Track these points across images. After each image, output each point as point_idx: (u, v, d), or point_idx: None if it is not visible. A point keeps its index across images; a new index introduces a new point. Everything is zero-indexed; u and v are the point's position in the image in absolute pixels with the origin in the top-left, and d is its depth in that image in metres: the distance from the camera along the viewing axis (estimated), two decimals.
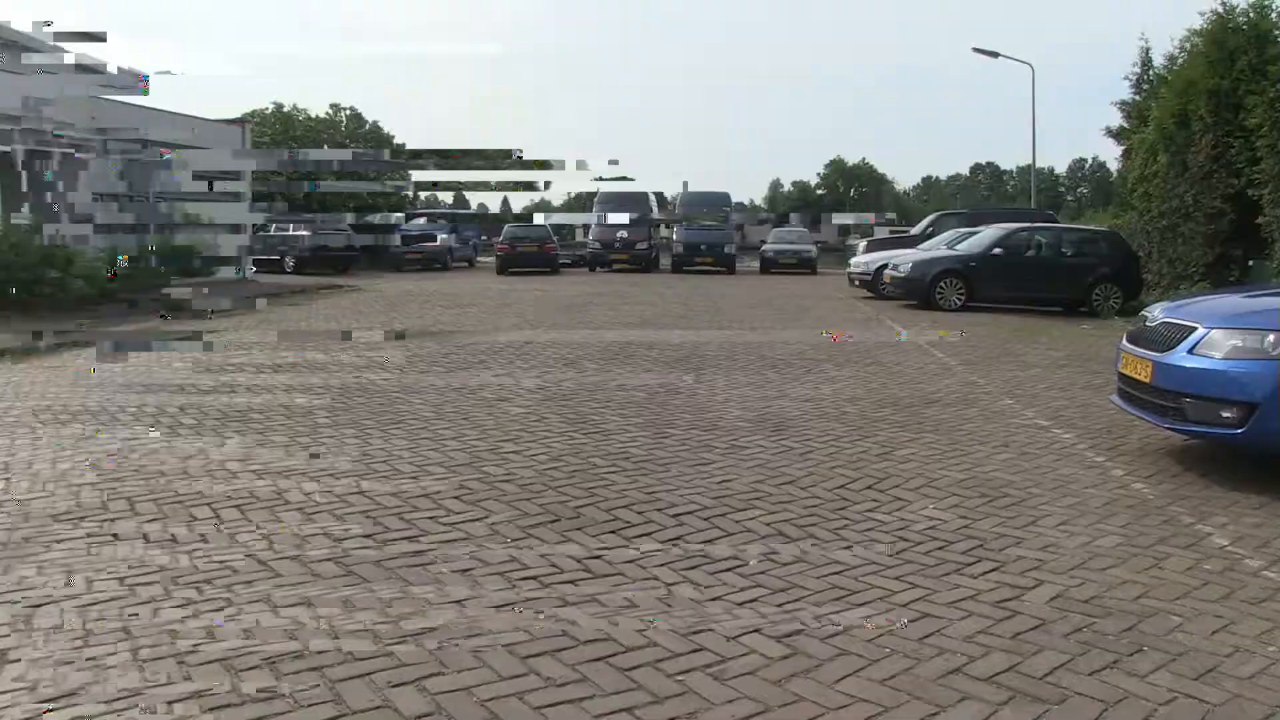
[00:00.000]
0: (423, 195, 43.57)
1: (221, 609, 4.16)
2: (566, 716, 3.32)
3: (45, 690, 3.45)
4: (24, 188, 20.09)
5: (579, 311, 18.34)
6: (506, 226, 37.47)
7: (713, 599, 4.30)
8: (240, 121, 28.97)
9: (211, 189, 25.75)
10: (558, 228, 39.80)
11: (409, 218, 38.80)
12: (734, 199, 38.70)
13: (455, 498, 5.83)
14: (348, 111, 41.49)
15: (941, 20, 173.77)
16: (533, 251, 33.47)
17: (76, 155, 21.54)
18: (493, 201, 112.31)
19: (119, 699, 3.39)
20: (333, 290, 24.45)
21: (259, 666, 3.63)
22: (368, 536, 5.12)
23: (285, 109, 40.30)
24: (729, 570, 4.66)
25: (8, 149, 20.14)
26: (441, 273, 34.00)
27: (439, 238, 36.17)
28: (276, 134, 38.60)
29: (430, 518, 5.45)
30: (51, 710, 3.32)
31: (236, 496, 5.84)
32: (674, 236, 35.29)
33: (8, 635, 3.90)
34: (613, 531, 5.22)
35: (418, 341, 13.52)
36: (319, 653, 3.74)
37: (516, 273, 32.50)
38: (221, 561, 4.73)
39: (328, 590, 4.37)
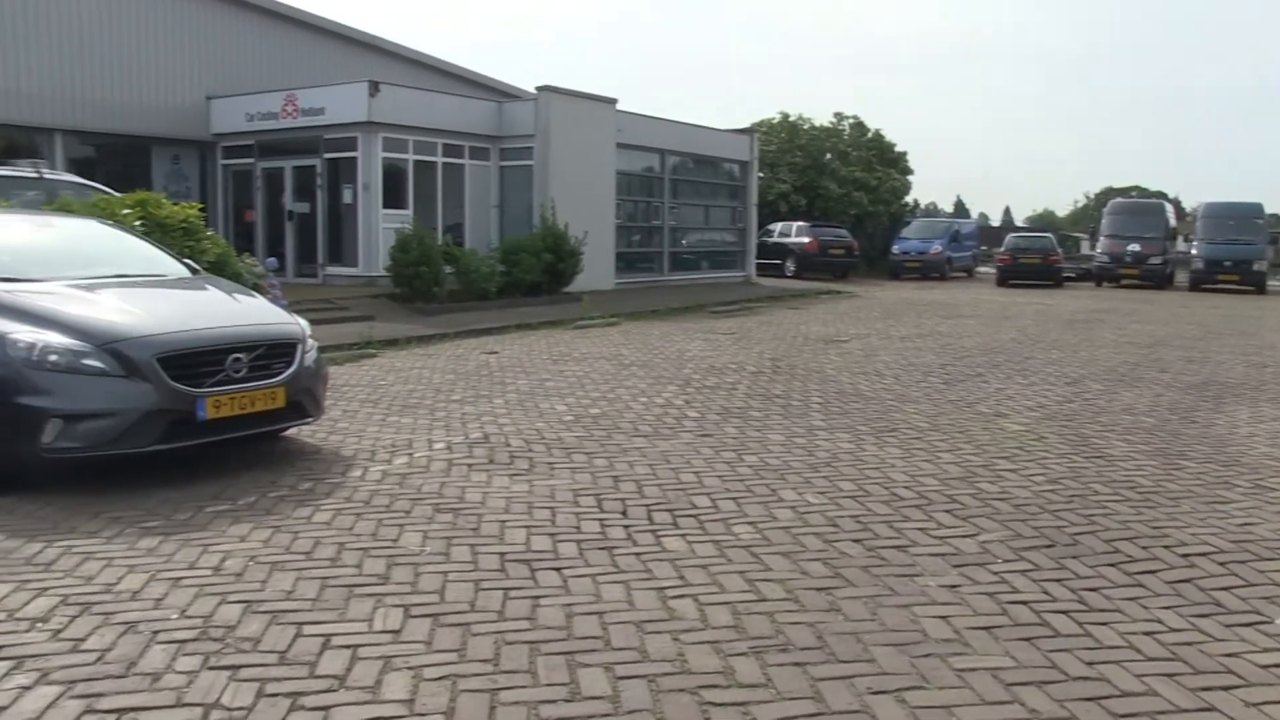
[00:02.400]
0: (922, 204, 43.28)
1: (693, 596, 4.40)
2: None
3: None
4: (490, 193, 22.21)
5: (1082, 328, 17.38)
6: (1008, 236, 36.23)
7: (1227, 654, 3.92)
8: (748, 131, 30.17)
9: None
10: (1062, 239, 37.86)
11: (905, 225, 38.60)
12: (1268, 210, 34.70)
13: (947, 511, 5.76)
14: (851, 120, 41.93)
15: None
16: (1035, 263, 32.13)
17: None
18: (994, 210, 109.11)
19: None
20: (830, 295, 24.90)
21: (746, 655, 3.80)
22: (856, 541, 5.19)
23: (791, 118, 41.46)
24: (1247, 625, 4.22)
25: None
26: (939, 282, 33.54)
27: (937, 246, 35.69)
28: (783, 143, 39.83)
29: (920, 529, 5.42)
30: None
31: (732, 490, 6.16)
32: (1193, 251, 32.20)
33: None
34: (1112, 565, 4.91)
35: (914, 351, 13.46)
36: (804, 649, 3.86)
37: (1016, 285, 31.35)
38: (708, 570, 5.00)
39: (812, 585, 4.49)
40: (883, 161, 40.45)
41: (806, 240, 32.73)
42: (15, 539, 5.19)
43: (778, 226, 33.86)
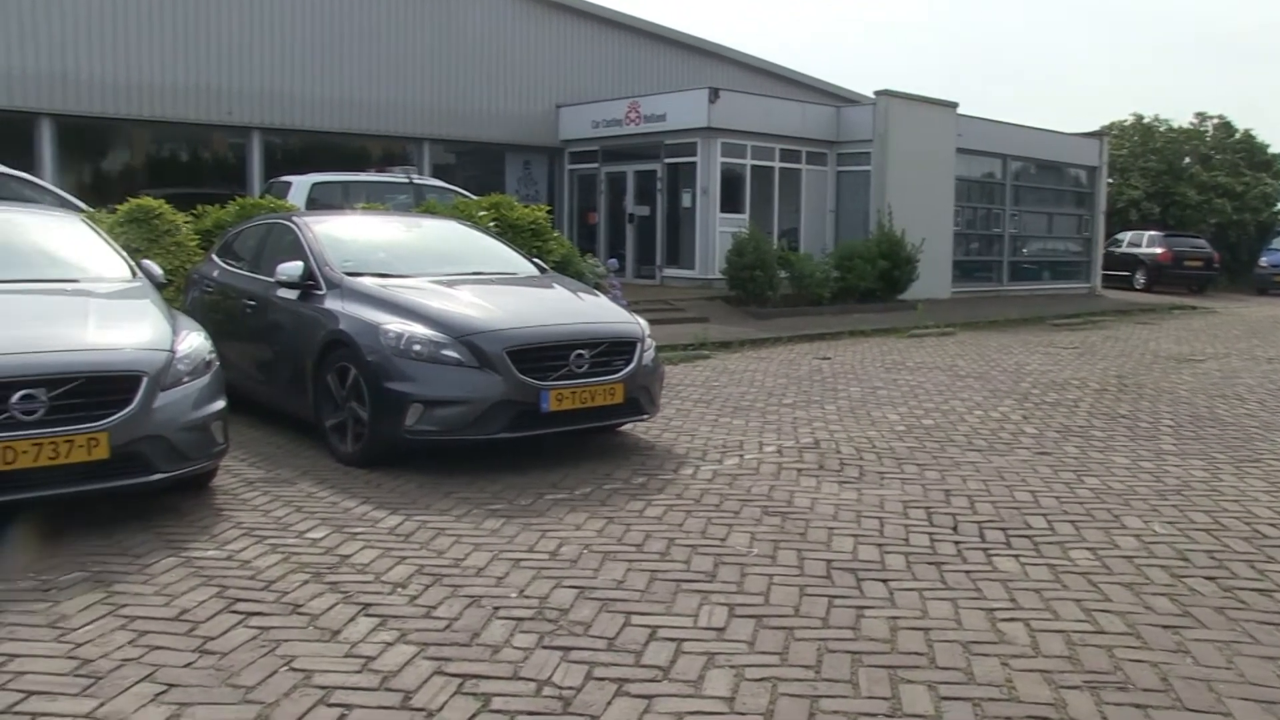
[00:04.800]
0: None
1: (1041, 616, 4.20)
2: None
3: None
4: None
5: None
6: None
7: None
8: (1098, 134, 28.51)
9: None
10: None
11: (1277, 236, 35.15)
12: None
13: None
14: (1215, 120, 38.64)
15: None
16: None
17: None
18: None
19: None
20: (1184, 311, 23.16)
21: (1080, 688, 3.60)
22: (1209, 579, 4.80)
23: (1145, 120, 38.78)
24: None
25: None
26: None
27: None
28: (1135, 147, 37.36)
29: None
30: None
31: (1071, 513, 5.85)
32: None
33: None
34: None
35: None
36: (1146, 689, 3.62)
37: None
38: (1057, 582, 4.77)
39: (1157, 622, 4.20)
40: (1251, 165, 36.98)
41: (1159, 251, 30.52)
42: (380, 510, 5.69)
43: (1127, 236, 31.76)
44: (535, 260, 8.77)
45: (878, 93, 22.16)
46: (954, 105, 23.14)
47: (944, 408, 9.23)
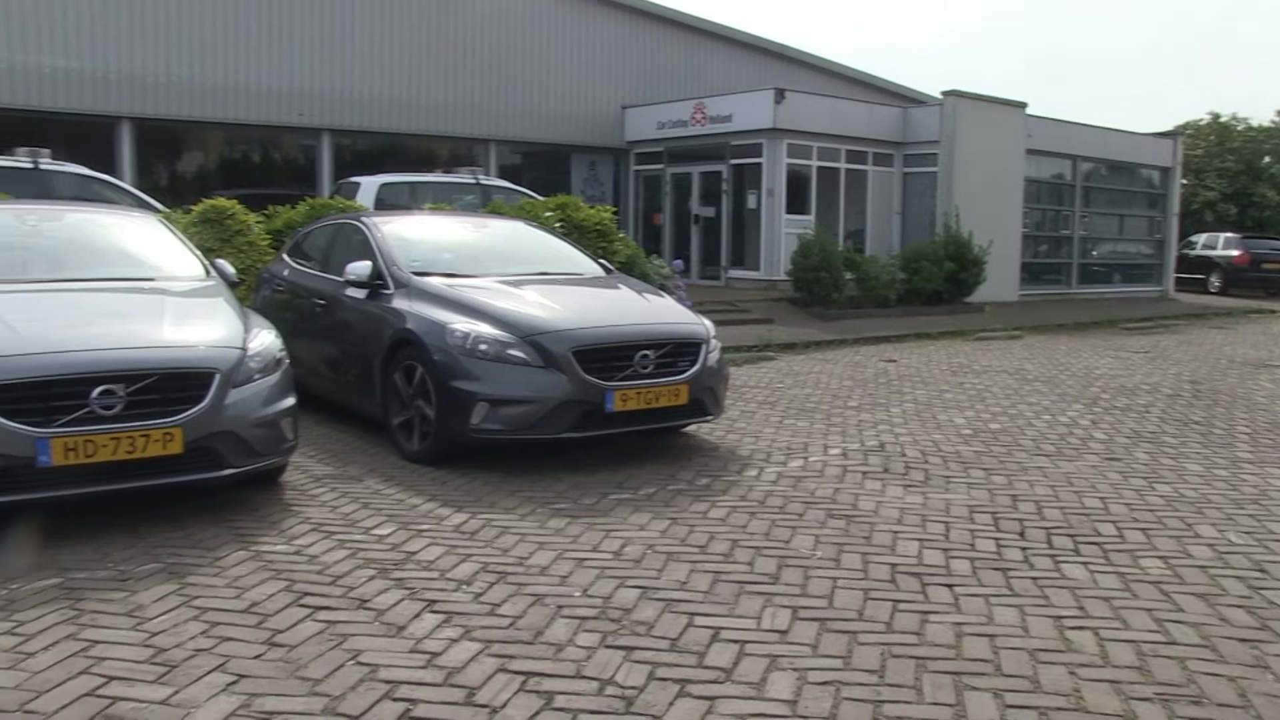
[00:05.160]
0: None
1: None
2: None
3: None
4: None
5: None
6: None
7: None
8: (1171, 134, 27.96)
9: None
10: None
11: None
12: None
13: None
14: None
15: None
16: None
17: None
18: None
19: None
20: (1263, 315, 22.64)
21: (1151, 700, 3.55)
22: None
23: (1222, 119, 37.93)
24: None
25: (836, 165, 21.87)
26: None
27: None
28: (1211, 147, 36.57)
29: None
30: None
31: (1141, 520, 5.75)
32: None
33: None
34: None
35: None
36: (1221, 705, 3.55)
37: None
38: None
39: (1233, 635, 4.11)
40: None
41: (1236, 253, 29.84)
42: (446, 508, 5.75)
43: (1201, 238, 31.10)
44: (601, 261, 8.80)
45: (945, 93, 21.93)
46: (1023, 105, 22.84)
47: (1011, 412, 9.12)
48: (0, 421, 4.79)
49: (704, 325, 7.42)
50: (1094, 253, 26.47)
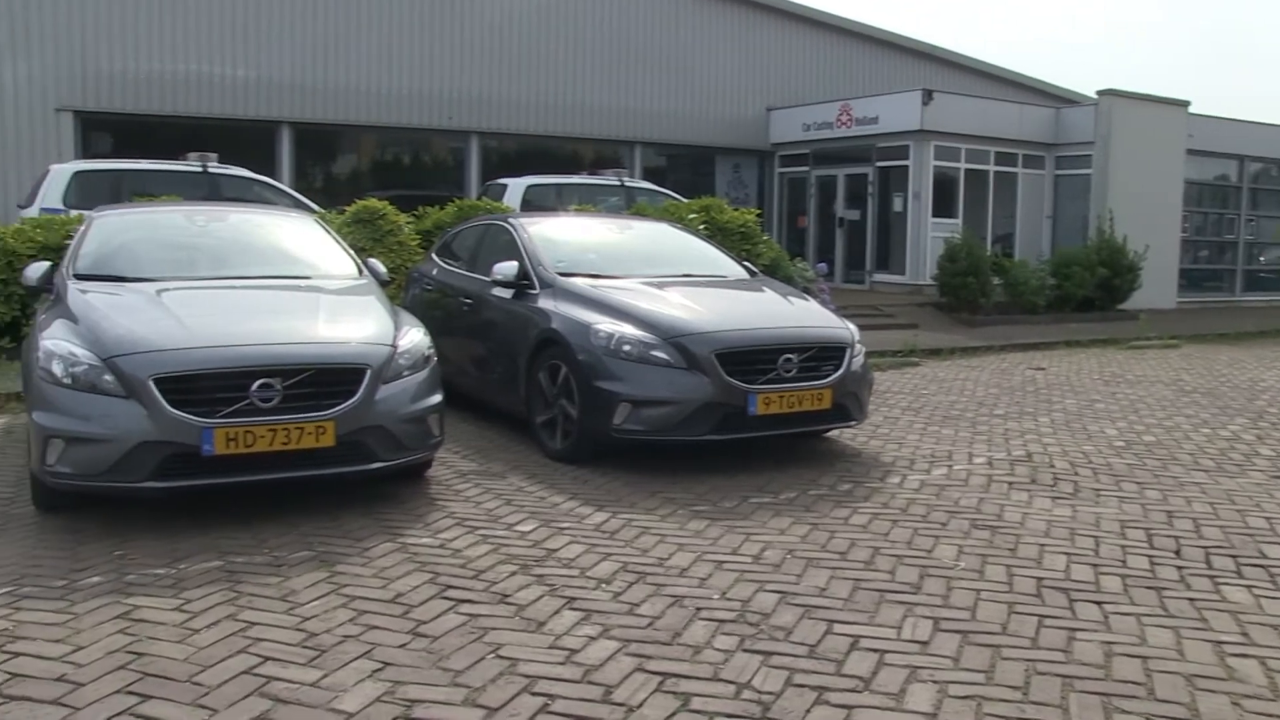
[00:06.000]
0: None
1: None
2: None
3: None
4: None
5: None
6: None
7: None
8: None
9: None
10: None
11: None
12: None
13: None
14: None
15: None
16: None
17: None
18: None
19: None
20: None
21: None
22: None
23: None
24: None
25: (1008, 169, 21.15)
26: None
27: None
28: None
29: None
30: None
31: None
32: None
33: None
34: None
35: None
36: None
37: None
38: None
39: None
40: None
41: None
42: (587, 506, 5.81)
43: None
44: (745, 263, 8.78)
45: (1100, 92, 21.21)
46: (1184, 104, 21.94)
47: (1167, 424, 8.77)
48: (171, 411, 5.04)
49: (848, 329, 7.33)
50: (1261, 258, 25.24)
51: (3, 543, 5.08)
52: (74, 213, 11.04)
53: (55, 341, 5.34)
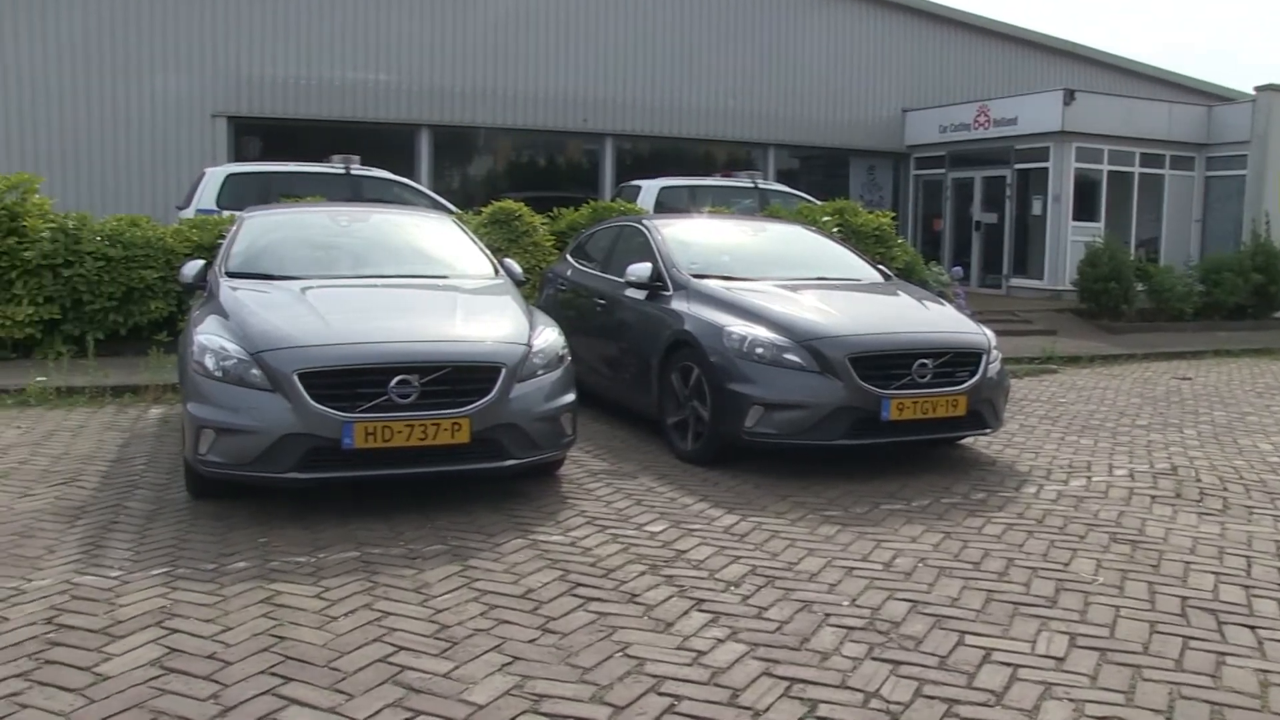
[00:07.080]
0: None
1: None
2: None
3: None
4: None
5: None
6: None
7: None
8: None
9: None
10: None
11: None
12: None
13: None
14: None
15: None
16: None
17: None
18: None
19: None
20: None
21: None
22: None
23: None
24: None
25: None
26: None
27: None
28: None
29: None
30: None
31: None
32: None
33: None
34: None
35: None
36: None
37: None
38: None
39: None
40: None
41: None
42: (717, 508, 5.82)
43: None
44: (879, 266, 8.67)
45: (1259, 88, 20.34)
46: None
47: None
48: (314, 405, 5.21)
49: (985, 335, 7.18)
50: None
51: (159, 525, 5.33)
52: (226, 213, 11.50)
53: (208, 336, 5.57)
